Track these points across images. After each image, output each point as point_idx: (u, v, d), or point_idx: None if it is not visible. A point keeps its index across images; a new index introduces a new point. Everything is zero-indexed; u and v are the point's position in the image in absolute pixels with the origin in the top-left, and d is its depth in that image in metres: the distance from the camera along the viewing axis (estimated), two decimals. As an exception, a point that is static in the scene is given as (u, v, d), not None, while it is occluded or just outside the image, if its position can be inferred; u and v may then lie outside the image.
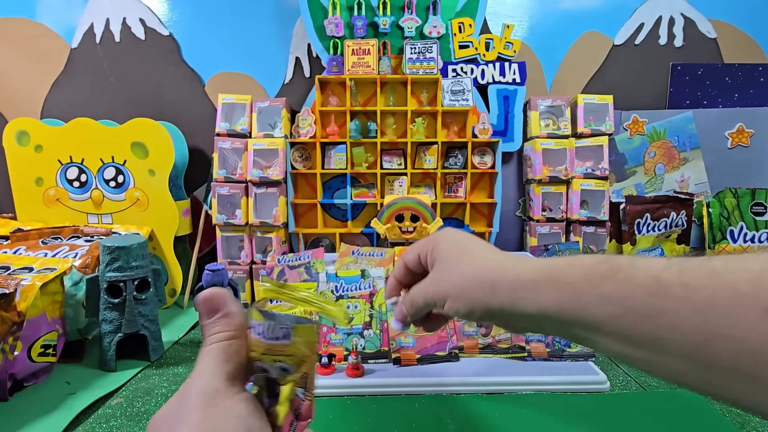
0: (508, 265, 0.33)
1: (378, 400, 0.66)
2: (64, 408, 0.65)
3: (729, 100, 1.26)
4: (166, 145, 1.10)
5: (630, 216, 1.14)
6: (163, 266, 1.12)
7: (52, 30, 1.27)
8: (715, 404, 0.65)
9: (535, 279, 0.31)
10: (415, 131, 1.20)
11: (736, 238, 1.08)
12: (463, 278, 0.35)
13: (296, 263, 0.92)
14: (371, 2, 1.20)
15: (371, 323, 0.81)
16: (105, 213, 1.13)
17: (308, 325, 0.29)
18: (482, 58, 1.23)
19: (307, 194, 1.27)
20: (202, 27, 1.27)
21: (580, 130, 1.19)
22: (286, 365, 0.29)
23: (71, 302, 0.81)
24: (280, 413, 0.29)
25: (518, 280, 0.32)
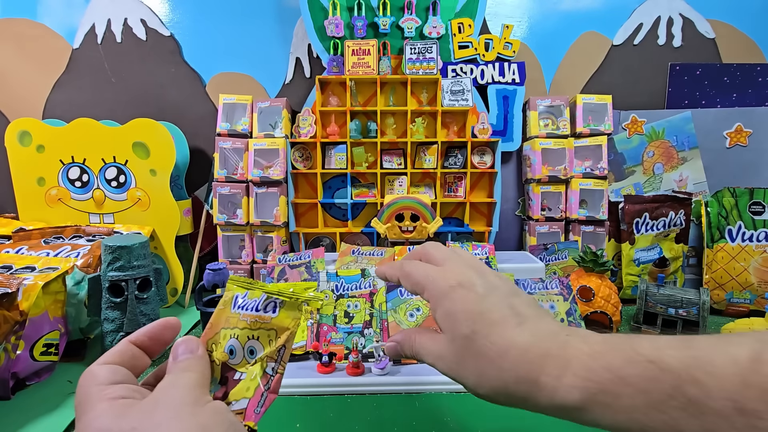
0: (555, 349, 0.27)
1: (378, 399, 0.67)
2: (66, 407, 0.66)
3: (727, 100, 1.27)
4: (167, 145, 1.10)
5: (629, 215, 1.15)
6: (164, 266, 1.12)
7: (53, 30, 1.27)
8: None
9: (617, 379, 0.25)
10: (415, 131, 1.20)
11: (734, 238, 1.08)
12: (492, 372, 0.29)
13: (297, 262, 0.93)
14: (371, 3, 1.21)
15: (371, 322, 0.81)
16: (107, 213, 1.14)
17: (295, 299, 0.32)
18: (482, 58, 1.23)
19: (308, 194, 1.28)
20: (203, 27, 1.28)
21: (579, 129, 1.20)
22: (255, 347, 0.31)
23: (73, 301, 0.81)
24: (250, 387, 0.30)
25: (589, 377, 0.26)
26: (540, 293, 0.84)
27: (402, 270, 0.37)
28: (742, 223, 1.08)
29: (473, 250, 0.96)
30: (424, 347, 0.34)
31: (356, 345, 0.79)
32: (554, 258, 1.11)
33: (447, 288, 0.32)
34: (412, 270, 0.35)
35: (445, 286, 0.32)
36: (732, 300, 1.08)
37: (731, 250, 1.08)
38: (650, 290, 0.93)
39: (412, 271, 0.35)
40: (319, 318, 0.83)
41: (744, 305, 1.07)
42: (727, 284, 1.08)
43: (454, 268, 0.34)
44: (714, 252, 1.09)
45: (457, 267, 0.34)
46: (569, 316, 0.81)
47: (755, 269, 1.06)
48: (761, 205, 1.07)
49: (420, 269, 0.35)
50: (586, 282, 0.93)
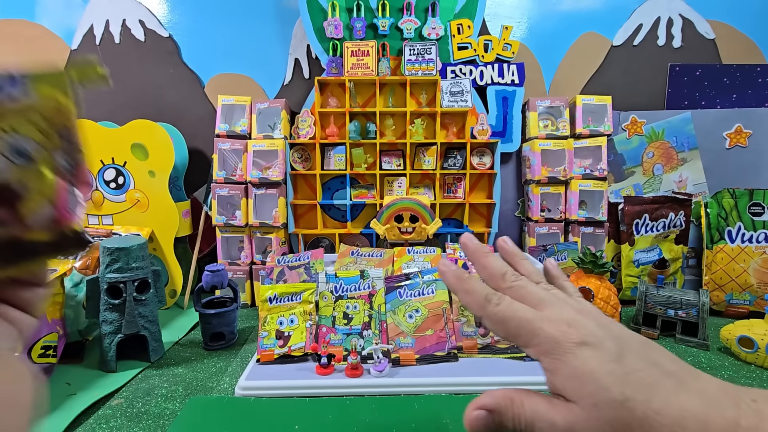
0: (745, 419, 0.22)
1: (377, 401, 0.67)
2: (64, 409, 0.66)
3: (727, 100, 1.27)
4: (166, 146, 1.10)
5: (628, 216, 1.15)
6: (163, 267, 1.12)
7: (51, 32, 1.27)
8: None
9: None
10: (414, 132, 1.20)
11: (734, 239, 1.08)
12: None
13: (296, 264, 0.93)
14: (370, 4, 1.21)
15: (370, 324, 0.81)
16: (105, 214, 1.13)
17: (54, 72, 0.24)
18: (481, 59, 1.23)
19: (307, 195, 1.28)
20: (201, 28, 1.28)
21: (579, 130, 1.19)
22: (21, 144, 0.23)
23: (72, 303, 0.81)
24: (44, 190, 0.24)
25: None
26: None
27: (495, 313, 0.28)
28: (741, 225, 1.08)
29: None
30: (541, 417, 0.26)
31: (355, 346, 0.78)
32: (554, 259, 1.11)
33: (570, 345, 0.25)
34: (510, 315, 0.28)
35: (566, 343, 0.25)
36: (732, 301, 1.08)
37: (731, 252, 1.08)
38: (650, 291, 0.93)
39: (509, 316, 0.28)
40: (318, 319, 0.83)
41: (744, 306, 1.07)
42: (726, 285, 1.08)
43: (562, 315, 0.27)
44: (714, 253, 1.09)
45: (564, 313, 0.27)
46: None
47: (755, 270, 1.06)
48: (761, 206, 1.07)
49: (519, 314, 0.28)
50: (586, 283, 0.93)
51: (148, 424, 0.62)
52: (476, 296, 0.29)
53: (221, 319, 0.90)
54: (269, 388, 0.70)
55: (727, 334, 0.83)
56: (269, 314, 0.82)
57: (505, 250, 0.35)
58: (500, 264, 0.32)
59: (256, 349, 0.81)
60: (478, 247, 0.33)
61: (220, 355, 0.87)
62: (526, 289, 0.30)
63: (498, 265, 0.32)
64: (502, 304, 0.28)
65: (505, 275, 0.31)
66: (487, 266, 0.32)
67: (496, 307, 0.28)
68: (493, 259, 0.32)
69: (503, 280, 0.31)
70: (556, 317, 0.27)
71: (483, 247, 0.33)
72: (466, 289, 0.30)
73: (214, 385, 0.74)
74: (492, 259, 0.32)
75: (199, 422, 0.62)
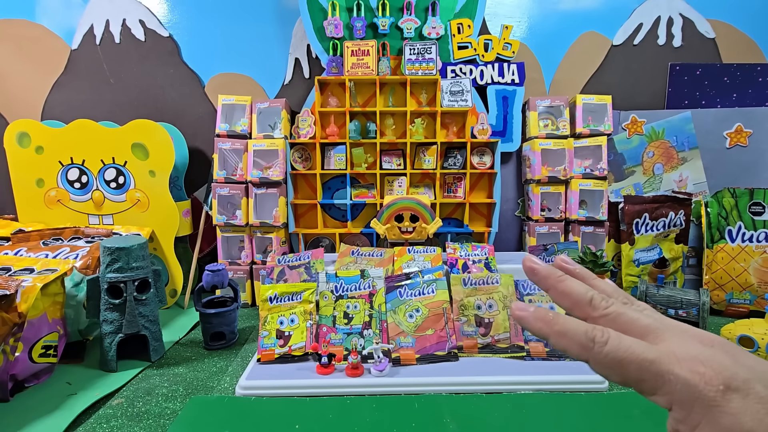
0: None
1: (378, 400, 0.67)
2: (65, 408, 0.66)
3: (727, 100, 1.26)
4: (166, 146, 1.10)
5: (628, 216, 1.15)
6: (163, 267, 1.12)
7: (52, 31, 1.27)
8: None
9: None
10: (415, 132, 1.20)
11: (734, 238, 1.08)
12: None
13: (296, 263, 0.93)
14: (371, 3, 1.21)
15: (371, 323, 0.81)
16: (106, 214, 1.13)
17: None
18: (481, 58, 1.23)
19: (307, 195, 1.28)
20: (201, 28, 1.28)
21: (579, 130, 1.19)
22: None
23: (72, 303, 0.81)
24: None
25: None
26: (540, 294, 0.84)
27: (605, 355, 0.23)
28: (742, 224, 1.08)
29: (473, 251, 0.96)
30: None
31: (355, 346, 0.78)
32: (553, 259, 1.11)
33: (713, 395, 0.21)
34: (625, 356, 0.23)
35: (708, 392, 0.21)
36: (732, 301, 1.08)
37: (731, 251, 1.08)
38: (650, 291, 0.93)
39: (625, 357, 0.23)
40: (319, 319, 0.83)
41: (744, 306, 1.07)
42: (726, 285, 1.08)
43: (688, 350, 0.22)
44: (714, 252, 1.09)
45: (689, 346, 0.23)
46: (569, 317, 0.81)
47: (755, 270, 1.06)
48: (761, 205, 1.07)
49: (638, 354, 0.22)
50: (586, 283, 0.93)
51: (149, 423, 0.62)
52: (575, 337, 0.24)
53: (222, 318, 0.90)
54: (270, 388, 0.70)
55: (728, 333, 0.83)
56: (270, 314, 0.82)
57: (570, 270, 0.29)
58: (583, 288, 0.27)
59: (257, 348, 0.81)
60: (550, 270, 0.28)
61: (220, 354, 0.87)
62: (625, 315, 0.25)
63: (581, 290, 0.26)
64: (610, 343, 0.23)
65: (593, 301, 0.26)
66: (568, 293, 0.27)
67: (604, 348, 0.23)
68: (573, 283, 0.27)
69: (592, 307, 0.26)
70: (682, 354, 0.22)
71: (555, 270, 0.28)
72: (558, 331, 0.25)
73: (214, 385, 0.74)
74: (571, 283, 0.27)
75: (200, 422, 0.62)
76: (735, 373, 0.21)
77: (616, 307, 0.25)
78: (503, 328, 0.80)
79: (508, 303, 0.82)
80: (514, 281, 0.85)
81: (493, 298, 0.83)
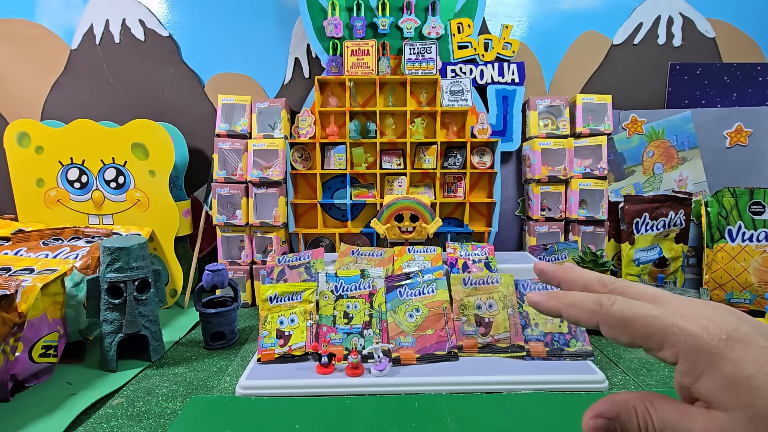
0: None
1: (378, 400, 0.67)
2: (65, 408, 0.66)
3: (727, 99, 1.26)
4: (166, 146, 1.10)
5: (628, 215, 1.15)
6: (163, 266, 1.12)
7: (51, 31, 1.27)
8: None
9: None
10: (415, 131, 1.20)
11: (734, 238, 1.08)
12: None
13: (296, 263, 0.93)
14: (370, 3, 1.21)
15: (371, 323, 0.81)
16: (106, 214, 1.13)
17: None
18: (481, 58, 1.23)
19: (307, 194, 1.28)
20: (201, 28, 1.28)
21: (579, 129, 1.19)
22: None
23: (72, 303, 0.81)
24: None
25: None
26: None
27: (614, 314, 0.24)
28: (742, 223, 1.08)
29: (473, 250, 0.96)
30: (674, 427, 0.22)
31: (355, 346, 0.78)
32: (554, 258, 1.11)
33: (716, 344, 0.21)
34: (632, 313, 0.23)
35: (711, 341, 0.22)
36: (732, 300, 1.08)
37: (731, 250, 1.08)
38: (650, 290, 0.93)
39: (632, 315, 0.23)
40: (319, 319, 0.83)
41: (744, 305, 1.07)
42: (727, 284, 1.08)
43: (694, 309, 0.23)
44: (714, 252, 1.09)
45: (695, 306, 0.24)
46: (569, 316, 0.81)
47: (755, 269, 1.06)
48: (761, 205, 1.07)
49: (644, 311, 0.23)
50: (586, 282, 0.93)
51: (149, 423, 0.63)
52: (585, 304, 0.25)
53: (222, 318, 0.90)
54: (270, 388, 0.70)
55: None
56: (270, 314, 0.82)
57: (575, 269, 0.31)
58: (591, 273, 0.28)
59: (257, 348, 0.81)
60: (556, 267, 0.29)
61: (220, 354, 0.87)
62: (634, 287, 0.26)
63: (590, 274, 0.28)
64: (617, 303, 0.24)
65: (602, 279, 0.27)
66: (578, 278, 0.28)
67: (612, 307, 0.24)
68: (581, 271, 0.28)
69: (602, 285, 0.27)
70: (688, 311, 0.23)
71: (560, 267, 0.29)
72: (568, 303, 0.26)
73: (214, 385, 0.74)
74: (579, 270, 0.28)
75: (200, 422, 0.62)
76: (737, 326, 0.22)
77: (625, 283, 0.26)
78: (503, 328, 0.80)
79: (508, 303, 0.82)
80: (514, 281, 0.85)
81: (493, 298, 0.83)
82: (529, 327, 0.81)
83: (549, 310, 0.27)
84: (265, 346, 0.79)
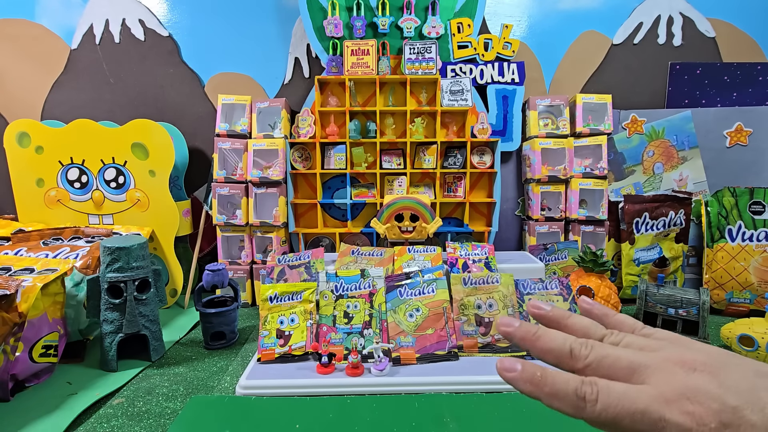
0: None
1: (378, 400, 0.67)
2: (65, 408, 0.66)
3: (727, 99, 1.26)
4: (166, 145, 1.10)
5: (628, 215, 1.15)
6: (163, 266, 1.12)
7: (51, 31, 1.27)
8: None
9: None
10: (415, 131, 1.20)
11: (734, 237, 1.08)
12: None
13: (296, 263, 0.93)
14: (370, 3, 1.21)
15: (371, 323, 0.81)
16: (106, 214, 1.13)
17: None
18: (481, 58, 1.23)
19: (307, 194, 1.28)
20: (201, 28, 1.28)
21: (579, 129, 1.19)
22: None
23: (72, 303, 0.81)
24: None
25: None
26: (540, 293, 0.84)
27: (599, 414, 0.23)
28: (742, 223, 1.08)
29: (473, 250, 0.96)
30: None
31: (356, 345, 0.78)
32: (554, 258, 1.11)
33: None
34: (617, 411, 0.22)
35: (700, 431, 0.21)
36: (732, 300, 1.08)
37: (731, 250, 1.08)
38: (650, 290, 0.93)
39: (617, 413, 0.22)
40: (319, 318, 0.83)
41: (744, 305, 1.07)
42: (727, 284, 1.08)
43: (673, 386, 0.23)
44: (714, 252, 1.09)
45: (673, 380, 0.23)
46: (569, 316, 0.81)
47: (755, 269, 1.06)
48: (761, 204, 1.07)
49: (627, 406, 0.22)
50: (586, 282, 0.93)
51: (149, 423, 0.63)
52: (566, 398, 0.24)
53: (222, 318, 0.90)
54: (270, 388, 0.70)
55: (728, 332, 0.83)
56: (270, 313, 0.82)
57: (543, 315, 0.30)
58: (560, 339, 0.26)
59: (257, 348, 0.81)
60: (524, 330, 0.27)
61: (220, 354, 0.87)
62: (607, 358, 0.25)
63: (559, 342, 0.26)
64: (600, 399, 0.23)
65: (573, 351, 0.25)
66: (547, 350, 0.26)
67: (596, 407, 0.23)
68: (549, 337, 0.26)
69: (574, 359, 0.25)
70: (670, 393, 0.22)
71: (529, 329, 0.27)
72: (548, 393, 0.24)
73: (214, 385, 0.74)
74: (547, 338, 0.26)
75: (200, 421, 0.62)
76: (724, 403, 0.22)
77: (597, 352, 0.25)
78: (503, 328, 0.80)
79: (508, 302, 0.82)
80: (514, 281, 0.85)
81: (494, 298, 0.83)
82: (529, 327, 0.81)
83: (527, 394, 0.25)
84: (265, 346, 0.79)
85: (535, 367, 0.25)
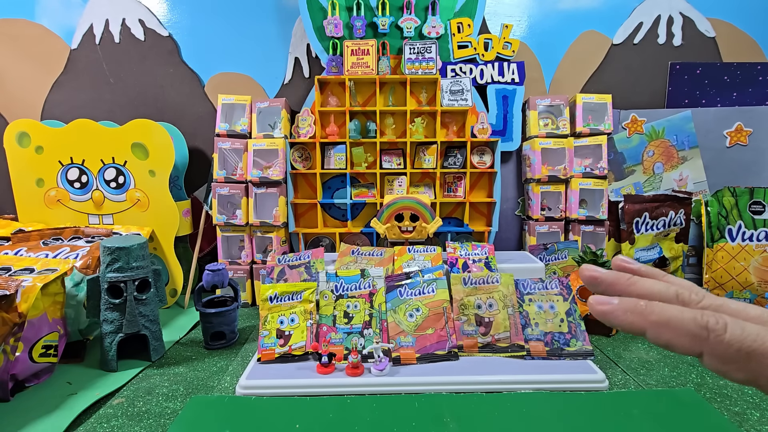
0: None
1: (378, 399, 0.67)
2: (65, 408, 0.66)
3: (727, 99, 1.26)
4: (166, 145, 1.10)
5: (628, 215, 1.15)
6: (163, 266, 1.12)
7: (51, 31, 1.27)
8: (713, 402, 0.66)
9: None
10: (415, 131, 1.20)
11: (734, 237, 1.08)
12: None
13: (296, 263, 0.93)
14: (370, 3, 1.21)
15: (371, 323, 0.81)
16: (106, 214, 1.13)
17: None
18: (481, 58, 1.23)
19: (307, 194, 1.28)
20: (201, 28, 1.28)
21: (579, 129, 1.19)
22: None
23: (72, 303, 0.81)
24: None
25: None
26: (540, 293, 0.84)
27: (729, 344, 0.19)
28: (742, 223, 1.08)
29: (473, 250, 0.96)
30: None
31: (356, 345, 0.78)
32: (554, 258, 1.11)
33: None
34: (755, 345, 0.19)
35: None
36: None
37: (731, 250, 1.08)
38: (650, 290, 0.93)
39: (755, 347, 0.19)
40: (319, 318, 0.83)
41: (744, 305, 1.07)
42: (727, 284, 1.08)
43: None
44: (714, 251, 1.09)
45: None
46: (569, 316, 0.81)
47: (755, 269, 1.06)
48: (761, 204, 1.07)
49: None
50: (586, 282, 0.93)
51: (149, 423, 0.63)
52: (681, 325, 0.20)
53: (222, 318, 0.90)
54: (270, 387, 0.70)
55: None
56: (270, 313, 0.82)
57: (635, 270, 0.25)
58: (661, 284, 0.23)
59: (257, 348, 0.81)
60: (616, 275, 0.24)
61: (220, 354, 0.87)
62: (727, 306, 0.21)
63: (660, 287, 0.22)
64: (730, 331, 0.19)
65: (680, 296, 0.22)
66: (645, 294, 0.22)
67: (724, 335, 0.19)
68: (648, 283, 0.23)
69: (681, 303, 0.21)
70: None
71: (621, 274, 0.24)
72: (656, 321, 0.20)
73: (214, 385, 0.74)
74: (645, 282, 0.23)
75: (200, 421, 0.62)
76: None
77: (712, 299, 0.21)
78: (503, 328, 0.80)
79: (509, 302, 0.82)
80: (514, 280, 0.85)
81: (494, 298, 0.83)
82: (529, 327, 0.81)
83: (627, 327, 0.21)
84: (265, 346, 0.79)
85: (637, 299, 0.21)
